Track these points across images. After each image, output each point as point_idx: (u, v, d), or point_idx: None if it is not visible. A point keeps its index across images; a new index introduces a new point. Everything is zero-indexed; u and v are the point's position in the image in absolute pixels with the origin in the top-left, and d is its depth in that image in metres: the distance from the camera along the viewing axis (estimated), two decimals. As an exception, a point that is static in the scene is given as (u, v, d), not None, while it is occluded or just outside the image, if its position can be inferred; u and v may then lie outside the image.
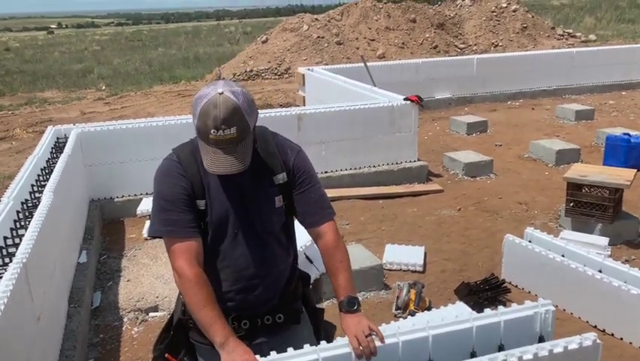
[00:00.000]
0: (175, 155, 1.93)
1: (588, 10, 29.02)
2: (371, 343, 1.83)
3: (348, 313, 1.88)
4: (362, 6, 18.73)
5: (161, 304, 4.06)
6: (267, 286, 1.98)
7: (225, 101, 1.73)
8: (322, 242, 2.01)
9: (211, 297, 1.81)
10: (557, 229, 5.06)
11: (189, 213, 1.86)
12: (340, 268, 1.96)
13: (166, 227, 1.85)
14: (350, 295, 1.90)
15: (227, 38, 33.12)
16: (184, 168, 1.88)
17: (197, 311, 1.80)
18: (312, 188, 2.01)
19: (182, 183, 1.87)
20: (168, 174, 1.89)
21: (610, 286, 3.50)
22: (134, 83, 16.73)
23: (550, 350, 1.97)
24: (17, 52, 32.04)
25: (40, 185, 4.16)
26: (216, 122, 1.73)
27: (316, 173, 2.08)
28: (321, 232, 2.01)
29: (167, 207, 1.86)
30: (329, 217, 2.02)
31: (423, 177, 6.64)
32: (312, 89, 9.65)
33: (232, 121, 1.74)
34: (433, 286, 4.23)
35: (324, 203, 2.03)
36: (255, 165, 1.91)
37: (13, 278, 2.50)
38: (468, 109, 10.62)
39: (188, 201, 1.86)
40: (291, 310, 2.06)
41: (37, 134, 10.09)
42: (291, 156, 2.00)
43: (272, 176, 1.96)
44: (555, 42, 18.92)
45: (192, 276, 1.81)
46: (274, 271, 1.99)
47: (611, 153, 6.41)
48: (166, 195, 1.87)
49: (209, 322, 1.77)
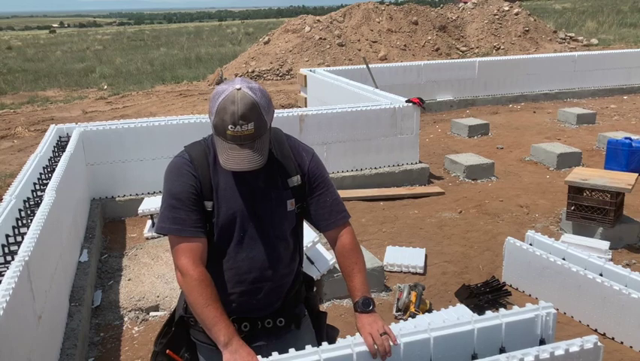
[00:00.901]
0: (187, 153, 1.92)
1: (590, 14, 29.05)
2: (385, 342, 1.84)
3: (364, 313, 1.89)
4: (364, 8, 18.77)
5: (161, 303, 4.06)
6: (270, 290, 1.97)
7: (243, 97, 1.73)
8: (338, 245, 2.02)
9: (215, 296, 1.81)
10: (558, 233, 5.06)
11: (197, 212, 1.86)
12: (355, 269, 1.97)
13: (174, 225, 1.85)
14: (365, 296, 1.91)
15: (229, 39, 33.17)
16: (195, 167, 1.87)
17: (201, 310, 1.79)
18: (326, 192, 2.01)
19: (192, 182, 1.86)
20: (179, 173, 1.88)
21: (611, 290, 3.50)
22: (135, 83, 16.75)
23: (552, 353, 1.97)
24: (19, 50, 32.08)
25: (43, 183, 4.17)
26: (234, 118, 1.72)
27: (329, 176, 2.08)
28: (337, 236, 2.01)
29: (176, 206, 1.85)
30: (344, 220, 2.04)
31: (424, 180, 6.65)
32: (313, 90, 9.66)
33: (250, 117, 1.73)
34: (433, 289, 4.23)
35: (338, 206, 2.04)
36: (269, 167, 1.90)
37: (15, 276, 2.50)
38: (469, 112, 10.63)
39: (196, 200, 1.86)
40: (292, 315, 2.05)
41: (38, 133, 10.11)
42: (307, 160, 1.99)
43: (286, 179, 1.95)
44: (557, 46, 18.94)
45: (196, 275, 1.81)
46: (278, 275, 1.98)
47: (613, 157, 6.42)
48: (175, 193, 1.86)
49: (213, 321, 1.77)
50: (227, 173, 1.89)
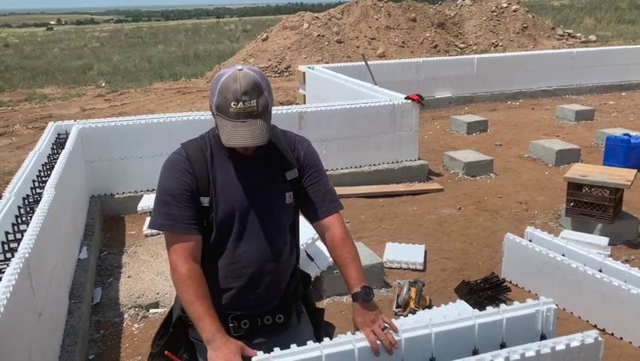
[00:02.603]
0: (183, 150, 1.93)
1: (588, 10, 29.05)
2: (389, 335, 1.85)
3: (365, 302, 1.89)
4: (362, 5, 18.73)
5: (161, 300, 4.06)
6: (269, 284, 1.97)
7: (245, 76, 1.76)
8: (329, 235, 2.00)
9: (202, 292, 1.81)
10: (557, 229, 5.07)
11: (190, 209, 1.86)
12: (350, 259, 1.96)
13: (166, 221, 1.86)
14: (365, 286, 1.91)
15: (227, 36, 33.10)
16: (191, 163, 1.88)
17: (188, 306, 1.81)
18: (320, 181, 2.02)
19: (187, 179, 1.87)
20: (174, 169, 1.89)
21: (610, 285, 3.51)
22: (133, 80, 16.72)
23: (553, 348, 1.97)
24: (16, 48, 31.96)
25: (42, 181, 4.16)
26: (236, 94, 1.75)
27: (324, 167, 2.09)
28: (327, 225, 2.01)
29: (169, 202, 1.86)
30: (335, 210, 2.03)
31: (423, 176, 6.65)
32: (312, 87, 9.66)
33: (252, 94, 1.77)
34: (433, 285, 4.24)
35: (331, 196, 2.04)
36: (267, 161, 1.92)
37: (15, 273, 2.49)
38: (468, 108, 10.63)
39: (190, 197, 1.86)
40: (291, 311, 2.05)
41: (37, 131, 10.09)
42: (301, 150, 2.02)
43: (284, 172, 1.97)
44: (555, 42, 18.94)
45: (185, 271, 1.82)
46: (277, 270, 1.98)
47: (611, 154, 6.43)
48: (169, 189, 1.87)
49: (199, 316, 1.78)
50: (225, 168, 1.90)
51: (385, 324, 1.88)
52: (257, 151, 1.91)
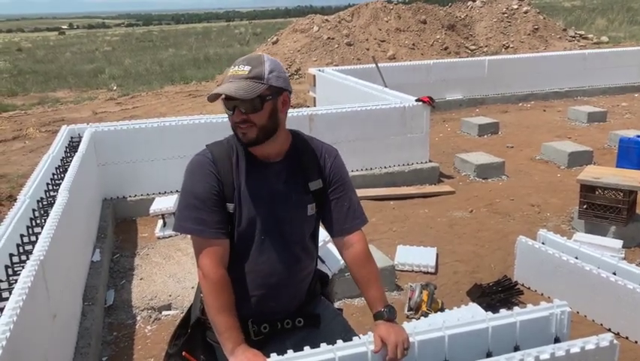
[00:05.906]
0: (209, 152, 1.89)
1: (600, 11, 28.84)
2: (405, 352, 1.84)
3: (390, 321, 1.88)
4: (372, 7, 18.74)
5: (174, 302, 4.08)
6: (289, 293, 1.97)
7: (253, 53, 1.85)
8: (351, 252, 1.98)
9: (229, 303, 1.82)
10: (570, 231, 5.03)
11: (218, 213, 1.84)
12: (373, 279, 1.96)
13: (197, 226, 1.82)
14: (389, 305, 1.91)
15: (237, 39, 33.23)
16: (217, 167, 1.85)
17: (215, 315, 1.81)
18: (344, 195, 1.98)
19: (214, 182, 1.83)
20: (201, 172, 1.85)
21: (624, 288, 3.47)
22: (145, 84, 16.83)
23: (567, 350, 1.96)
24: (29, 52, 32.31)
25: (55, 184, 4.20)
26: (236, 62, 1.85)
27: (351, 179, 2.05)
28: (349, 243, 1.99)
29: (198, 206, 1.82)
30: (358, 227, 2.00)
31: (434, 179, 6.63)
32: (322, 89, 9.66)
33: (249, 62, 1.82)
34: (445, 288, 4.22)
35: (354, 212, 1.99)
36: (291, 170, 1.90)
37: (31, 275, 2.51)
38: (479, 110, 10.60)
39: (218, 201, 1.83)
40: (310, 315, 2.05)
41: (49, 134, 10.18)
42: (328, 161, 1.98)
43: (307, 182, 1.94)
44: (567, 44, 18.82)
45: (216, 278, 1.81)
46: (298, 278, 1.98)
47: (624, 155, 6.36)
48: (197, 193, 1.83)
49: (225, 327, 1.79)
50: (248, 175, 1.87)
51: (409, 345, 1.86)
52: (281, 159, 1.91)
